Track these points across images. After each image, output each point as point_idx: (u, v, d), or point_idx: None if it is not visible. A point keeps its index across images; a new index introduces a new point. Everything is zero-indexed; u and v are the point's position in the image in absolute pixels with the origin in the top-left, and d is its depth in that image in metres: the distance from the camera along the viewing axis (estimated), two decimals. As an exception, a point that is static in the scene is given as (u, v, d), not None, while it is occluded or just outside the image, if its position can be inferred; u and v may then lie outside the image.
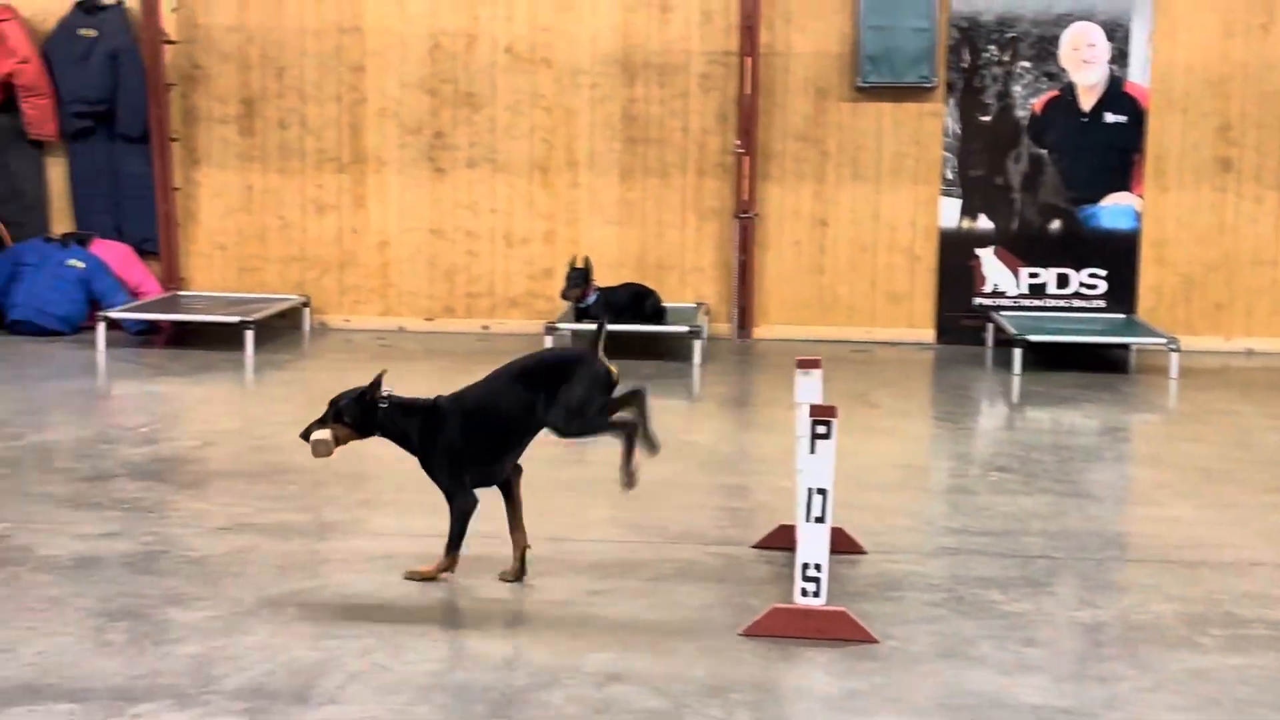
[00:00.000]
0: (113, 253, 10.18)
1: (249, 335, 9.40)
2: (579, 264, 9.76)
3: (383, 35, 10.38)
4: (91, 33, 10.13)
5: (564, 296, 9.85)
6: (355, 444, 5.26)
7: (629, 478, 5.13)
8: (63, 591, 5.02)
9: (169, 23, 10.22)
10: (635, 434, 5.14)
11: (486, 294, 10.57)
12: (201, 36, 10.34)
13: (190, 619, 4.80)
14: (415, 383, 8.81)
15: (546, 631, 4.75)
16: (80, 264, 9.98)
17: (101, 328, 9.52)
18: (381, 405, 5.21)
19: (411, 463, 6.96)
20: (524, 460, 5.31)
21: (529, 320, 10.41)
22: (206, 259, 10.55)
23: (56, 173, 10.44)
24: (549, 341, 9.52)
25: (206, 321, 9.78)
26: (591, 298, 9.73)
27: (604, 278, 10.03)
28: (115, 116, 10.22)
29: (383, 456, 7.10)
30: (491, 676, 4.37)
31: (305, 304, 10.45)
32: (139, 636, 4.63)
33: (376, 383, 5.23)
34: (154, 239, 10.40)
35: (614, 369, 5.21)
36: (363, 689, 4.25)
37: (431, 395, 5.27)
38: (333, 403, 5.26)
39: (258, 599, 5.00)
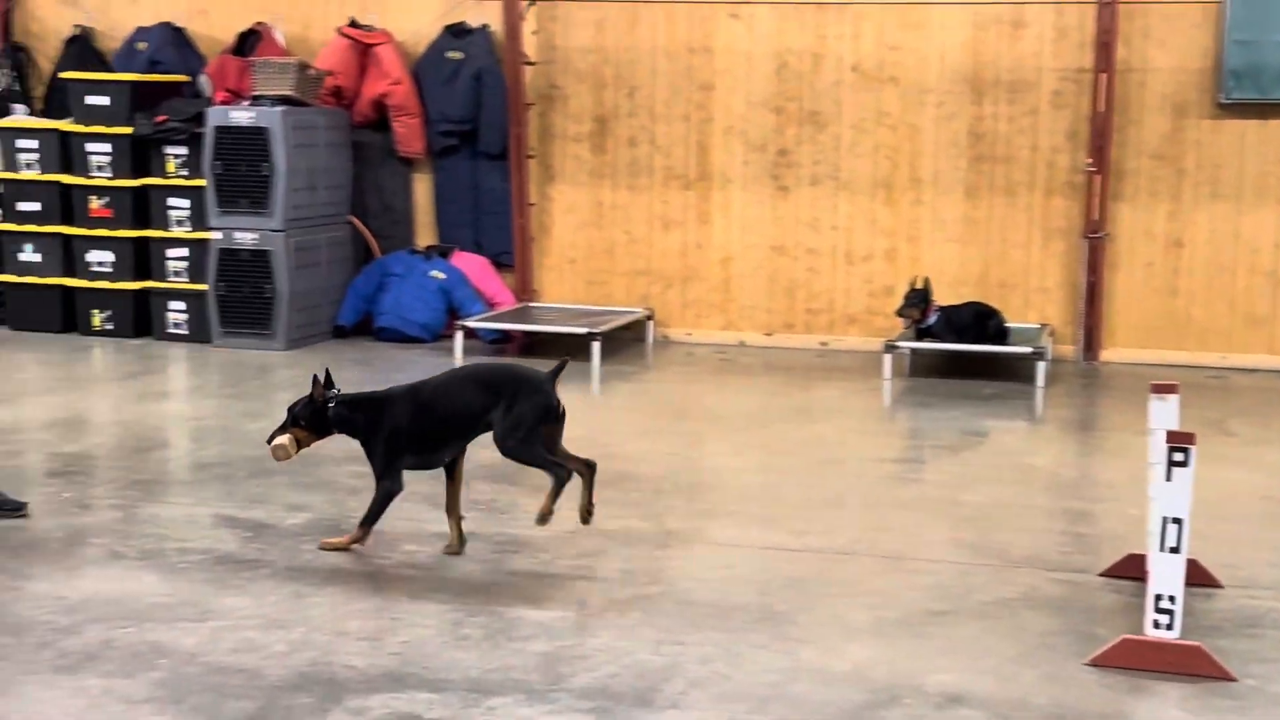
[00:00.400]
0: (471, 265, 10.62)
1: (595, 346, 9.65)
2: (919, 285, 9.69)
3: (731, 55, 10.51)
4: (458, 55, 10.60)
5: (899, 315, 9.78)
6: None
7: (543, 516, 5.44)
8: (423, 586, 5.26)
9: (529, 45, 10.61)
10: (566, 480, 5.47)
11: (826, 310, 10.58)
12: (559, 58, 10.70)
13: (540, 618, 4.96)
14: (752, 397, 8.93)
15: (886, 650, 4.72)
16: (441, 275, 10.45)
17: (459, 336, 9.94)
18: (330, 405, 5.57)
19: (752, 474, 7.05)
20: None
21: (867, 338, 10.36)
22: (557, 272, 10.89)
23: (422, 188, 10.96)
24: (888, 361, 9.46)
25: (556, 332, 10.09)
26: (933, 317, 9.63)
27: (945, 296, 9.89)
28: (478, 135, 10.65)
29: (721, 469, 7.22)
30: (830, 691, 4.37)
31: (649, 317, 10.67)
32: (493, 633, 4.82)
33: (317, 384, 5.60)
34: (510, 252, 10.80)
35: (562, 404, 5.60)
36: (703, 696, 4.32)
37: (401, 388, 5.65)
38: (290, 410, 5.63)
39: (604, 602, 5.14)
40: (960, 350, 9.65)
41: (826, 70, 10.41)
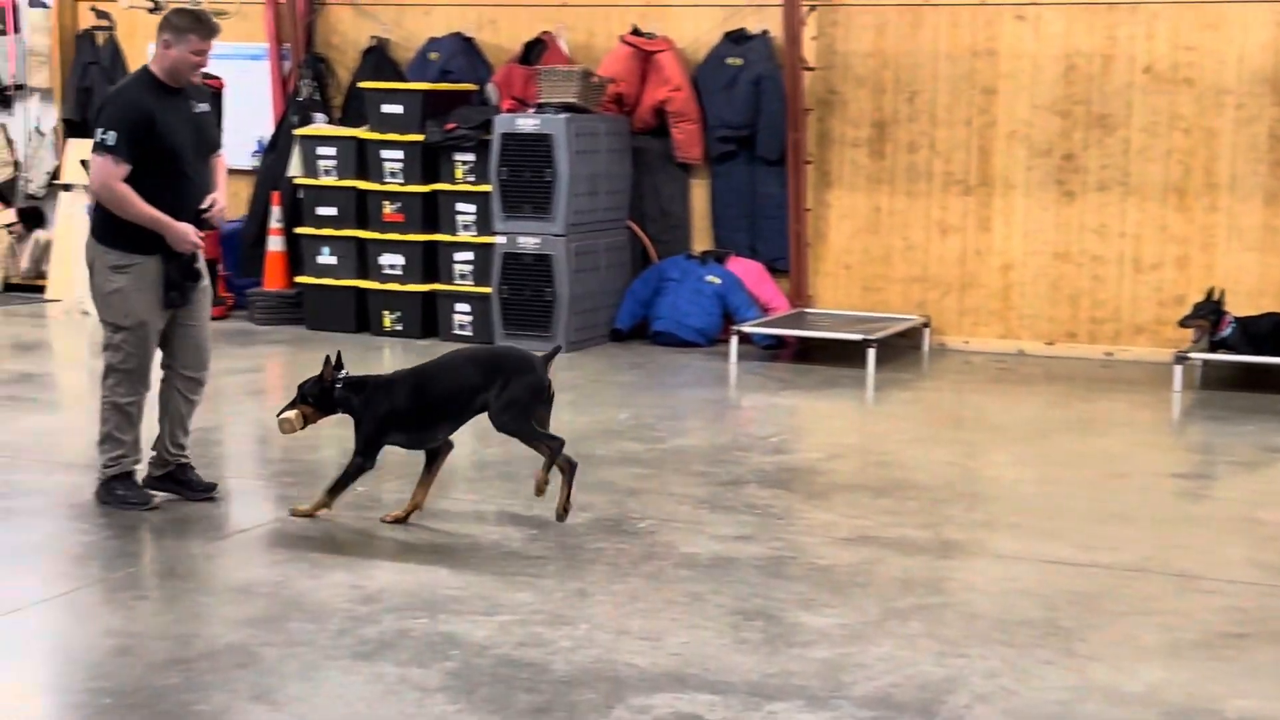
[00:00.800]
0: (747, 270, 10.64)
1: (871, 353, 9.57)
2: (1214, 296, 9.34)
3: (1016, 58, 10.29)
4: (738, 61, 10.65)
5: (1183, 325, 9.45)
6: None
7: (539, 487, 5.92)
8: (702, 588, 5.30)
9: (809, 50, 10.58)
10: (559, 453, 5.90)
11: (1111, 319, 10.25)
12: (839, 62, 10.64)
13: (819, 624, 4.94)
14: (1032, 407, 8.72)
15: (1181, 672, 4.55)
16: (717, 280, 10.50)
17: (734, 341, 9.98)
18: (336, 385, 5.94)
19: (1033, 486, 6.88)
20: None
21: (1156, 348, 10.00)
22: (832, 278, 10.83)
23: (699, 194, 11.03)
24: (1178, 373, 9.12)
25: (831, 338, 10.04)
26: (1228, 329, 9.25)
27: (1241, 307, 9.49)
28: (755, 140, 10.68)
29: (1000, 479, 7.07)
30: (1123, 713, 4.24)
31: (925, 324, 10.52)
32: (772, 637, 4.82)
33: (328, 365, 5.98)
34: (785, 258, 10.78)
35: (552, 387, 6.07)
36: (989, 711, 4.24)
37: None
38: (300, 387, 5.99)
39: (883, 610, 5.09)
40: (1258, 363, 9.24)
41: (1117, 72, 10.10)
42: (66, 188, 11.87)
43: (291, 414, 5.97)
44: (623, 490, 6.66)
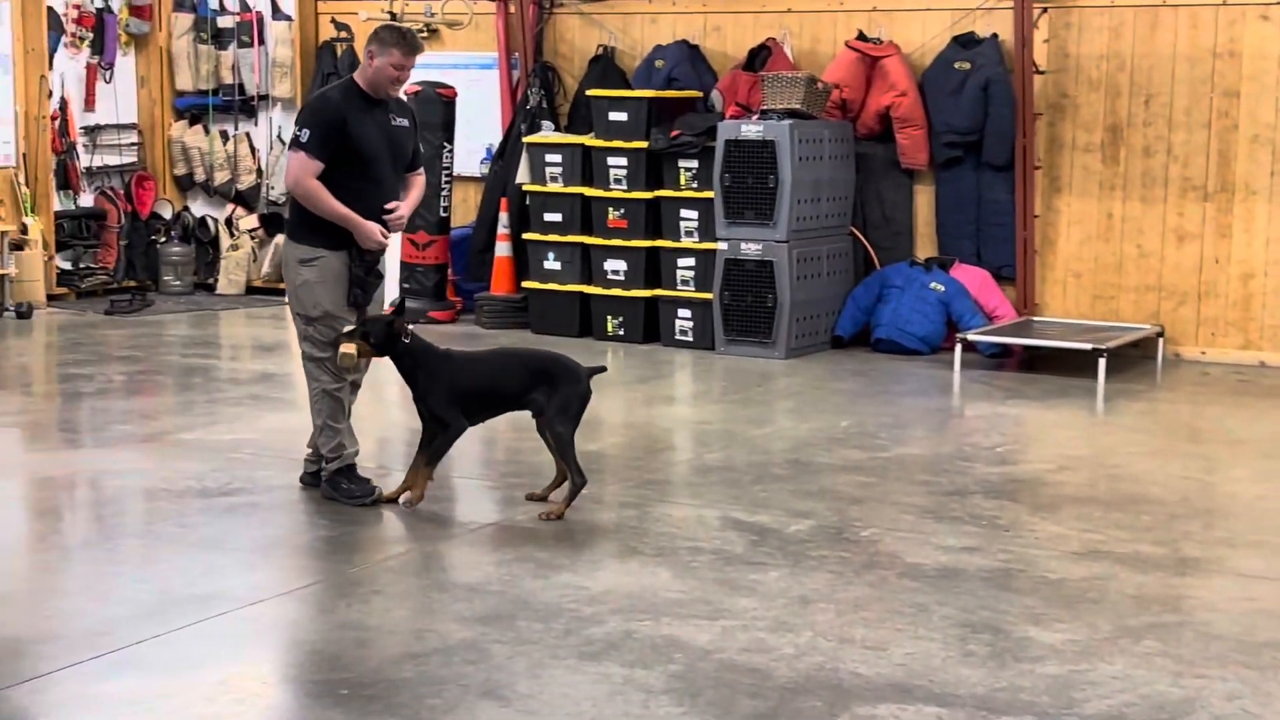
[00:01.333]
0: (971, 277, 10.48)
1: (1101, 363, 9.33)
2: None
3: (1260, 59, 9.92)
4: (966, 65, 10.49)
5: None
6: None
7: (554, 514, 6.09)
8: (927, 599, 5.24)
9: (1040, 53, 10.37)
10: (581, 486, 6.12)
11: (1360, 332, 9.82)
12: (1071, 65, 10.41)
13: (1049, 639, 4.84)
14: (1275, 421, 8.38)
15: None
16: (941, 287, 10.36)
17: (958, 349, 9.83)
18: (405, 339, 6.11)
19: (1277, 503, 6.62)
20: None
21: None
22: (1061, 286, 10.60)
23: (923, 200, 10.91)
24: None
25: (1059, 347, 9.81)
26: None
27: None
28: (983, 146, 10.50)
29: (1241, 495, 6.82)
30: (1373, 742, 4.05)
31: (1159, 334, 10.21)
32: (1000, 650, 4.74)
33: (401, 312, 6.23)
34: (1011, 265, 10.59)
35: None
36: (1229, 734, 4.10)
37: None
38: (363, 322, 6.15)
39: (1116, 627, 4.96)
40: None
41: (1367, 73, 9.67)
42: (305, 194, 12.28)
43: (351, 348, 6.12)
44: (845, 498, 6.62)
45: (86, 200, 12.90)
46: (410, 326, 6.31)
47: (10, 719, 4.18)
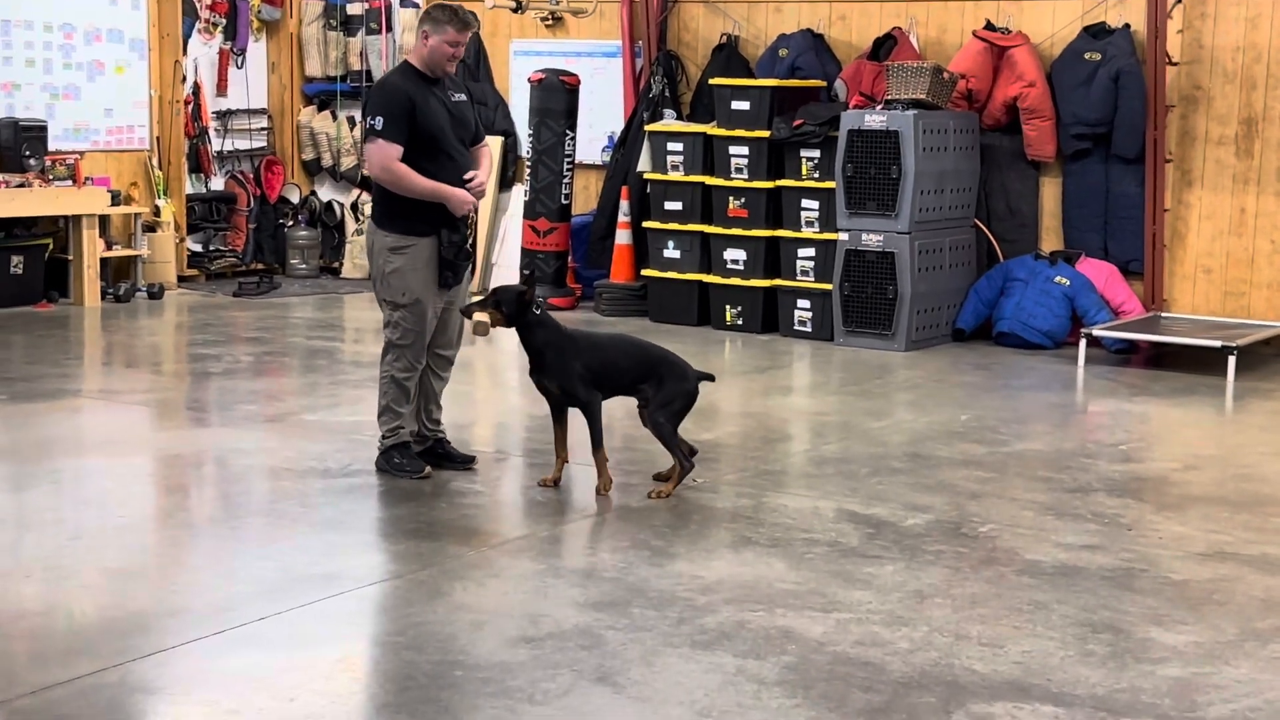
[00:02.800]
0: (1098, 271, 10.30)
1: (1231, 361, 9.14)
2: None
3: (1402, 50, 9.64)
4: (1096, 56, 10.30)
5: None
6: None
7: (661, 494, 6.23)
8: (1046, 597, 5.17)
9: (1174, 44, 10.15)
10: (689, 470, 6.27)
11: None
12: (1205, 57, 10.18)
13: (1172, 641, 4.76)
14: None
15: None
16: (1066, 281, 10.20)
17: (1083, 344, 9.68)
18: (536, 311, 6.23)
19: None
20: None
21: None
22: (1190, 281, 10.38)
23: (1050, 192, 10.74)
24: None
25: (1187, 344, 9.62)
26: None
27: None
28: (1112, 138, 10.32)
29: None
30: None
31: (1292, 332, 9.96)
32: (1120, 651, 4.67)
33: (532, 284, 6.38)
34: (1139, 259, 10.39)
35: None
36: (1358, 744, 4.00)
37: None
38: (494, 292, 6.29)
39: (1241, 630, 4.86)
40: None
41: None
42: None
43: (485, 316, 6.23)
44: (963, 493, 6.55)
45: (217, 184, 13.16)
46: (541, 300, 6.43)
47: (136, 691, 4.28)
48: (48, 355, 9.39)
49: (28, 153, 11.17)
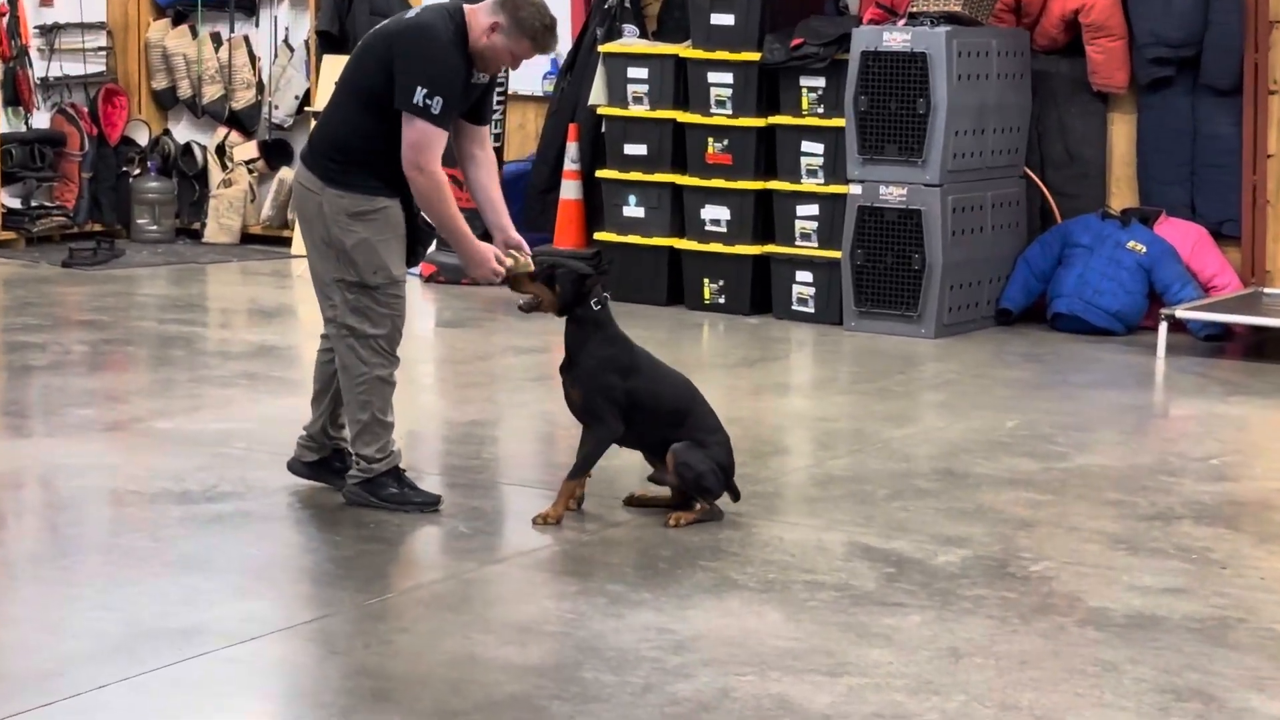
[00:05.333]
0: (1183, 235, 10.38)
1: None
2: None
3: None
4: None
5: None
6: None
7: (677, 522, 6.36)
8: (1116, 655, 5.20)
9: (1278, -56, 10.25)
10: (714, 513, 6.44)
11: None
12: (1318, -41, 10.27)
13: (1276, 711, 4.79)
14: None
15: None
16: (1141, 248, 10.27)
17: (1163, 329, 9.76)
18: (595, 303, 6.33)
19: None
20: None
21: None
22: (1300, 248, 10.49)
23: (1121, 133, 10.80)
24: None
25: (1295, 329, 9.73)
26: None
27: None
28: (1200, 63, 10.38)
29: None
30: None
31: None
32: (1211, 724, 4.72)
33: (601, 269, 6.37)
34: (1236, 220, 10.48)
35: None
36: None
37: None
38: (553, 266, 6.32)
39: (1364, 699, 4.91)
40: None
41: None
42: (317, 115, 12.38)
43: (537, 291, 6.32)
44: (1011, 521, 6.59)
45: (41, 120, 13.10)
46: (605, 294, 6.42)
47: (-63, 781, 4.26)
48: None
49: None
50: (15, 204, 12.98)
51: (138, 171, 13.34)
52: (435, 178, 6.25)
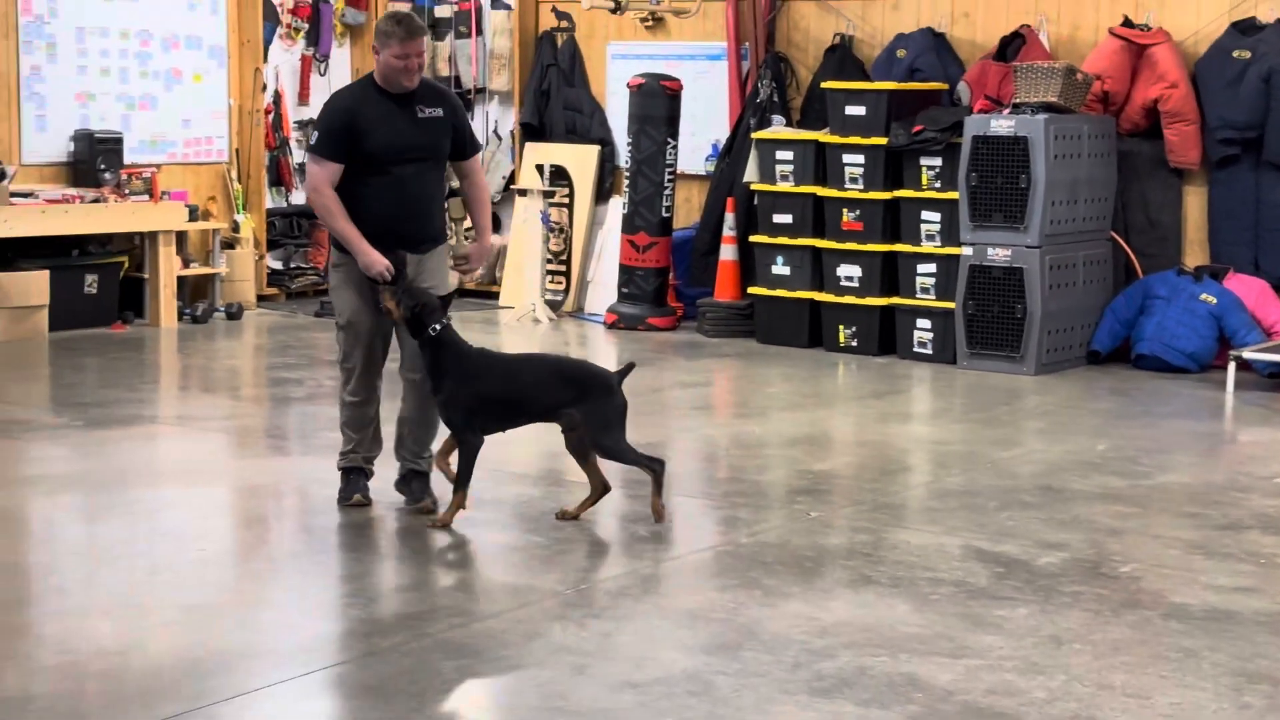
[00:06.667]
0: (1248, 288, 10.11)
1: (1397, 386, 8.95)
2: None
3: None
4: (1245, 53, 10.14)
5: None
6: None
7: (658, 512, 6.27)
8: (1196, 644, 5.08)
9: (1328, 40, 9.99)
10: (662, 472, 6.26)
11: None
12: (1363, 54, 10.00)
13: (1336, 695, 4.65)
14: None
15: None
16: (1212, 299, 10.04)
17: (1231, 368, 9.51)
18: (433, 328, 6.14)
19: None
20: None
21: None
22: (1350, 299, 10.17)
23: (1194, 202, 10.58)
24: None
25: (1347, 368, 9.43)
26: None
27: None
28: (1263, 142, 10.14)
29: None
30: None
31: None
32: (1279, 704, 4.57)
33: (447, 301, 6.24)
34: (1293, 275, 10.21)
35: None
36: None
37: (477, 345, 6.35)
38: (409, 285, 6.18)
39: None
40: None
41: None
42: (522, 193, 12.50)
43: (390, 303, 6.21)
44: (1102, 529, 6.46)
45: (299, 198, 13.34)
46: (447, 320, 6.29)
47: (218, 734, 4.33)
48: (123, 379, 9.57)
49: (103, 166, 11.41)
50: (278, 265, 13.22)
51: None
52: (321, 198, 6.25)
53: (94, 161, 11.41)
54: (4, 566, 6.00)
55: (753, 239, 11.23)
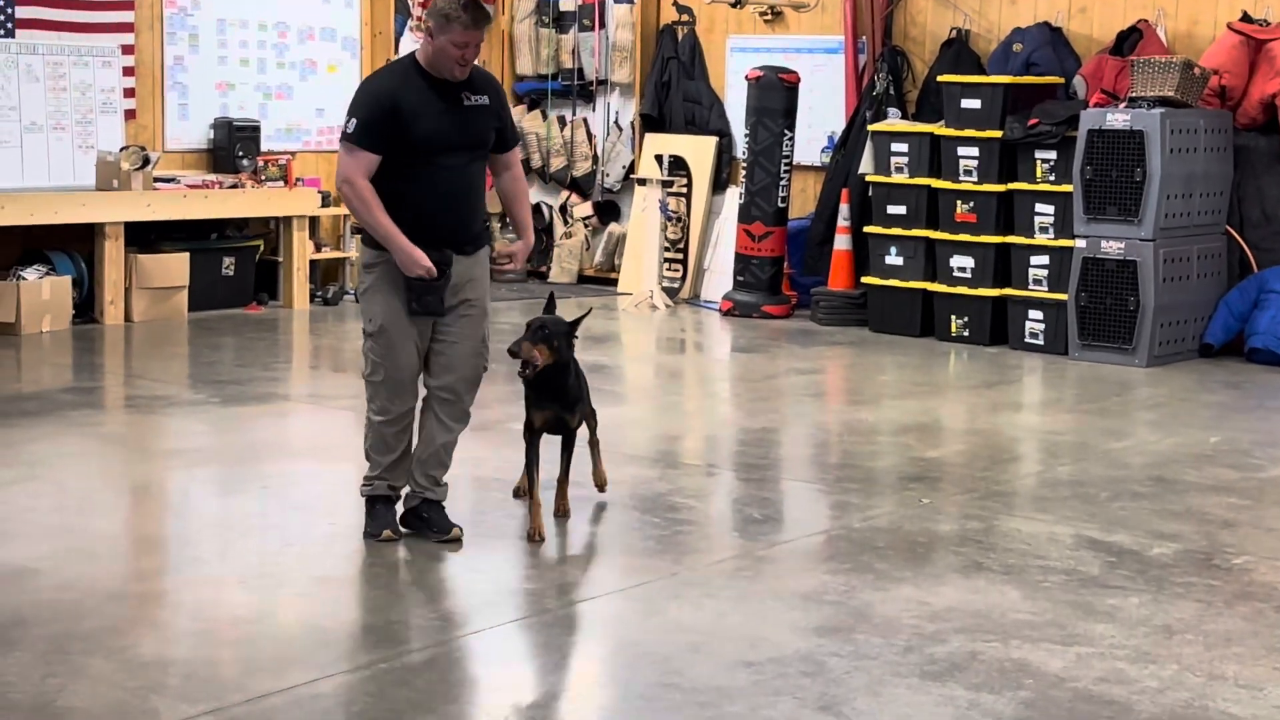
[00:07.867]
0: (1364, 282, 9.88)
1: None
2: None
3: None
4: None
5: None
6: None
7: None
8: (1307, 636, 4.97)
9: None
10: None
11: None
12: None
13: None
14: None
15: None
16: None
17: (1351, 362, 9.30)
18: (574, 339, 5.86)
19: None
20: None
21: None
22: None
23: (1311, 196, 10.33)
24: None
25: None
26: None
27: None
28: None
29: None
30: None
31: None
32: (1394, 700, 4.46)
33: (579, 320, 5.89)
34: None
35: None
36: None
37: None
38: (540, 325, 5.74)
39: None
40: None
41: None
42: (641, 182, 12.50)
43: (538, 353, 5.71)
44: (1214, 521, 6.34)
45: (425, 185, 13.41)
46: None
47: (350, 703, 4.38)
48: (257, 358, 9.71)
49: (241, 153, 11.60)
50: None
51: (499, 226, 13.58)
52: (356, 190, 5.56)
53: (232, 148, 11.61)
54: (144, 537, 6.12)
55: (867, 229, 11.15)
